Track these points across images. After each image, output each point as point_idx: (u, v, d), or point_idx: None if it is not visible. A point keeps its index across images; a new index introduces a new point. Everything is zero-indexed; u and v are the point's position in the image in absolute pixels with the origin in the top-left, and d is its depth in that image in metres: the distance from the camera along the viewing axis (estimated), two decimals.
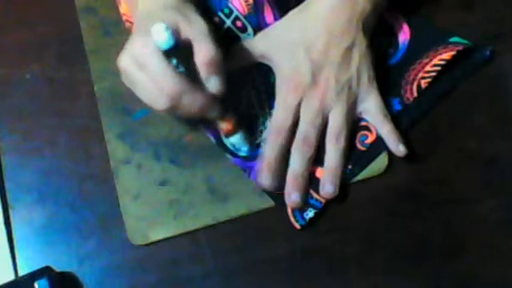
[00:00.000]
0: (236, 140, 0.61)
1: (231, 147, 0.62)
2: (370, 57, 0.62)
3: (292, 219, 0.61)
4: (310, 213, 0.61)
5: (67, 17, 0.66)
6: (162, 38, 0.55)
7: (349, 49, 0.61)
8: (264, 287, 0.61)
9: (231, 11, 0.64)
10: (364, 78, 0.62)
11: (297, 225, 0.61)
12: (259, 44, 0.64)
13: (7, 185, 0.63)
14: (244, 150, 0.62)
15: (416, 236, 0.61)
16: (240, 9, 0.64)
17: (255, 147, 0.62)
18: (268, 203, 0.61)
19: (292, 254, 0.61)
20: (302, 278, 0.60)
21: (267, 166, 0.61)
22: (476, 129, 0.64)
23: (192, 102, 0.56)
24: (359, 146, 0.63)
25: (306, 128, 0.61)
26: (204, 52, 0.56)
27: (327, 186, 0.61)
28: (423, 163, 0.63)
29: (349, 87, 0.61)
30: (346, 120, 0.61)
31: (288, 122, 0.61)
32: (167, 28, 0.55)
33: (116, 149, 0.63)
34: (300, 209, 0.61)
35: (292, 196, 0.61)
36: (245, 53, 0.63)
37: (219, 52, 0.57)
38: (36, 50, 0.67)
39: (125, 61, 0.57)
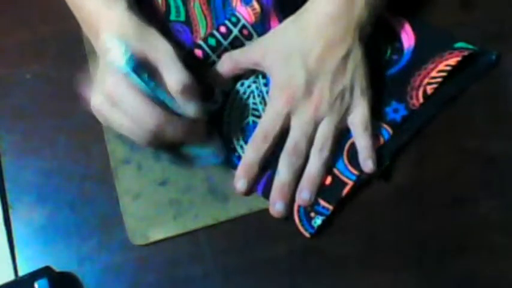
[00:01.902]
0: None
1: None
2: (364, 67, 0.61)
3: (300, 228, 0.60)
4: (318, 221, 0.60)
5: (67, 17, 0.66)
6: (122, 61, 0.54)
7: (345, 58, 0.60)
8: (264, 287, 0.61)
9: (238, 20, 0.63)
10: (357, 90, 0.61)
11: (307, 234, 0.60)
12: (253, 52, 0.63)
13: (7, 185, 0.63)
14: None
15: (417, 236, 0.61)
16: (247, 18, 0.63)
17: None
18: (268, 203, 0.61)
19: (292, 254, 0.61)
20: (302, 278, 0.60)
21: (245, 170, 0.60)
22: (476, 129, 0.64)
23: (175, 130, 0.55)
24: None
25: (297, 138, 0.60)
26: (175, 81, 0.55)
27: (304, 193, 0.60)
28: (423, 163, 0.63)
29: (342, 98, 0.60)
30: (335, 131, 0.61)
31: (276, 129, 0.60)
32: (126, 50, 0.53)
33: (116, 149, 0.63)
34: (307, 218, 0.60)
35: (276, 205, 0.60)
36: (239, 61, 0.63)
37: (190, 76, 0.56)
38: (36, 50, 0.67)
39: (98, 101, 0.56)
